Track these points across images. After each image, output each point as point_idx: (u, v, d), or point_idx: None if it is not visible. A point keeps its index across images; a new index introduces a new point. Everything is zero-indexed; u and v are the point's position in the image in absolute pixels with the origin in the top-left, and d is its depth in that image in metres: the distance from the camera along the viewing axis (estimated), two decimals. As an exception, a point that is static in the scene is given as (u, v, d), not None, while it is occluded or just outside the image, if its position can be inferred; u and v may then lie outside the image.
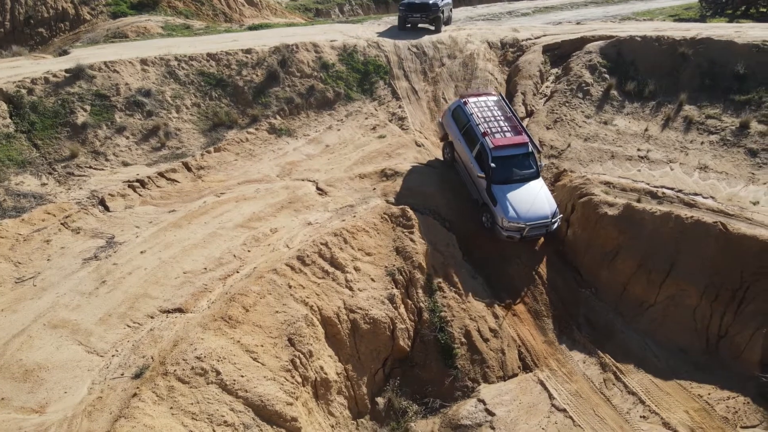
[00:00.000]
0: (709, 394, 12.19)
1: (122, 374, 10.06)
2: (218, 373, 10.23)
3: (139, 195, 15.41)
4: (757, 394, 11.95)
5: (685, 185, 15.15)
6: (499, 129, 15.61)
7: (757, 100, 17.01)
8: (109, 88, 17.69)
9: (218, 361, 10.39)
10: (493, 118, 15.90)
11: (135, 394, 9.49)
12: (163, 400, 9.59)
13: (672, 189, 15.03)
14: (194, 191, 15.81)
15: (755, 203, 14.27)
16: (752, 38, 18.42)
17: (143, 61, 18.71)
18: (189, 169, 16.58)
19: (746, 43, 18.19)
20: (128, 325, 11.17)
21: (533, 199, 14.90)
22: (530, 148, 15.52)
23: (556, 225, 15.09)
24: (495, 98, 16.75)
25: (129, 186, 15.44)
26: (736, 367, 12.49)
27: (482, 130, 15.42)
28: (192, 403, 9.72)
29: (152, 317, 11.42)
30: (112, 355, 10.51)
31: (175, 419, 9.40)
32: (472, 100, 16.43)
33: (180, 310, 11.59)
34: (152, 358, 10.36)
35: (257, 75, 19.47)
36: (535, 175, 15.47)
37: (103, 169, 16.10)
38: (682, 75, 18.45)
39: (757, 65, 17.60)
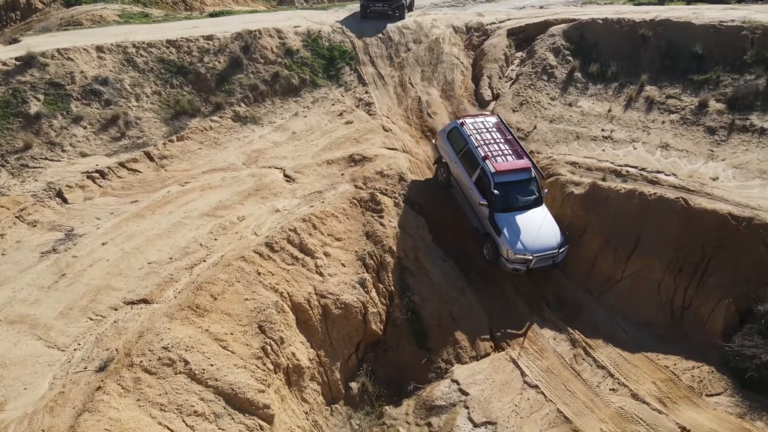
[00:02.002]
0: (674, 364, 12.49)
1: (85, 368, 9.74)
2: (186, 362, 10.01)
3: (99, 186, 14.92)
4: (720, 363, 12.28)
5: (648, 163, 15.44)
6: (500, 152, 14.59)
7: (715, 80, 17.42)
8: (63, 77, 17.02)
9: (186, 350, 10.17)
10: (492, 141, 14.88)
11: (99, 388, 9.22)
12: (130, 392, 9.34)
13: (635, 167, 15.29)
14: (157, 181, 15.38)
15: (715, 179, 14.64)
16: (709, 19, 18.84)
17: (99, 49, 18.06)
18: (151, 159, 16.12)
19: (703, 24, 18.59)
20: (90, 318, 10.82)
21: (539, 228, 14.01)
22: (533, 173, 14.59)
23: (561, 257, 14.14)
24: (493, 119, 15.81)
25: (88, 177, 14.93)
26: (699, 338, 12.80)
27: (482, 154, 14.43)
28: (160, 394, 9.49)
29: (116, 309, 11.10)
30: (74, 349, 10.17)
31: (142, 411, 9.17)
32: (469, 121, 15.44)
33: (145, 301, 11.30)
34: (117, 350, 10.07)
35: (220, 62, 19.02)
36: (539, 202, 14.53)
37: (59, 161, 15.52)
38: (642, 56, 18.76)
39: (714, 46, 18.01)
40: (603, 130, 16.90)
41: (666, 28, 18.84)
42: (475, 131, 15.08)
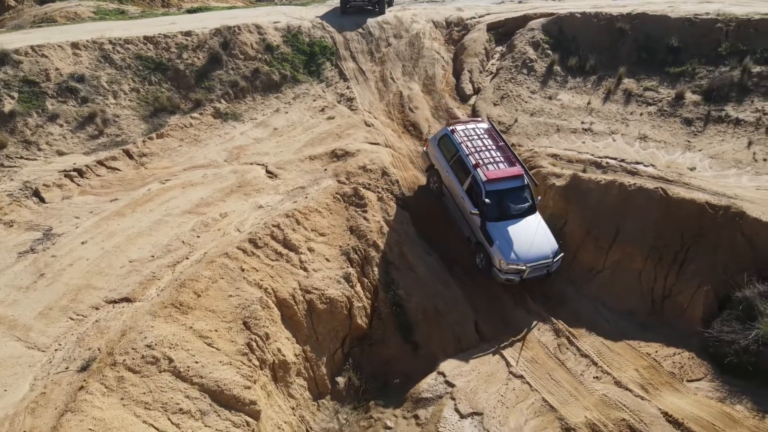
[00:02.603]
0: (656, 351, 12.70)
1: (67, 368, 9.58)
2: (171, 360, 9.91)
3: (78, 185, 14.65)
4: (701, 349, 12.52)
5: (627, 155, 15.66)
6: (492, 160, 14.25)
7: (691, 72, 17.73)
8: (37, 74, 16.66)
9: (170, 348, 10.06)
10: (484, 148, 14.54)
11: (82, 387, 9.08)
12: (113, 391, 9.21)
13: (615, 159, 15.51)
14: (137, 179, 15.17)
15: (692, 169, 14.91)
16: (685, 12, 19.15)
17: (74, 45, 17.71)
18: (131, 157, 15.87)
19: (679, 17, 18.89)
20: (71, 318, 10.64)
21: (532, 237, 13.71)
22: (526, 180, 14.29)
23: (557, 265, 13.90)
24: (485, 125, 15.48)
25: (66, 176, 14.65)
26: (680, 325, 13.05)
27: (473, 162, 14.09)
28: (144, 393, 9.38)
29: (97, 308, 10.92)
30: (55, 350, 10.00)
31: (126, 410, 9.05)
32: (459, 127, 15.08)
33: (127, 300, 11.14)
34: (99, 349, 9.92)
35: (199, 58, 18.80)
36: (532, 210, 14.22)
37: (35, 159, 15.20)
38: (620, 49, 19.01)
39: (689, 38, 18.32)
40: (583, 122, 17.09)
41: (643, 22, 19.11)
42: (466, 138, 14.72)
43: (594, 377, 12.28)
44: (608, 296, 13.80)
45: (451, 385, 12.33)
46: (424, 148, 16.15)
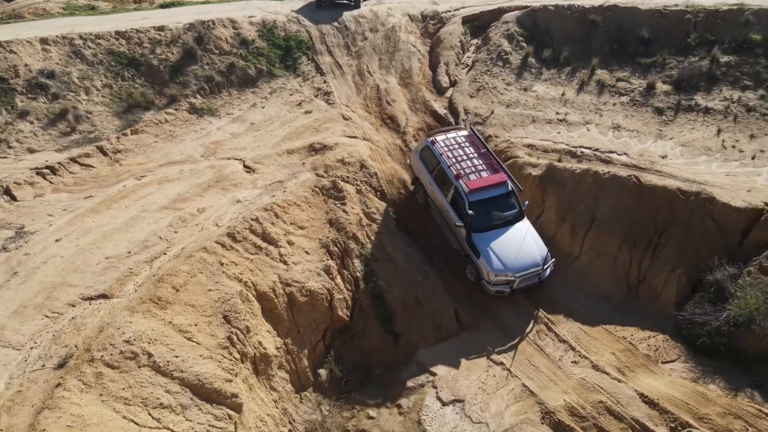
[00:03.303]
0: (632, 335, 12.97)
1: (43, 366, 9.44)
2: (150, 355, 9.83)
3: (50, 182, 14.40)
4: (674, 332, 12.82)
5: (601, 144, 15.92)
6: (473, 169, 13.97)
7: (661, 63, 18.07)
8: (6, 70, 16.30)
9: (149, 343, 9.97)
10: (465, 157, 14.25)
11: (59, 384, 8.97)
12: (91, 387, 9.11)
13: (589, 148, 15.74)
14: (112, 176, 14.96)
15: (664, 157, 15.22)
16: (654, 4, 19.48)
17: (44, 41, 17.36)
18: (105, 154, 15.65)
19: (649, 9, 19.22)
20: (47, 316, 10.48)
21: (520, 244, 13.42)
22: (510, 186, 13.97)
23: (549, 271, 13.67)
24: (465, 133, 15.14)
25: (38, 173, 14.40)
26: (654, 309, 13.34)
27: (454, 173, 13.80)
28: (123, 388, 9.29)
29: (73, 306, 10.78)
30: (31, 348, 9.85)
31: (105, 406, 8.96)
32: (440, 138, 14.79)
33: (104, 296, 11.01)
34: (76, 346, 9.80)
35: (173, 53, 18.57)
36: (519, 216, 13.97)
37: (5, 157, 14.89)
38: (593, 41, 19.28)
39: (659, 29, 18.66)
40: (557, 113, 17.31)
41: (614, 14, 19.40)
42: (446, 148, 14.43)
43: (572, 362, 12.50)
44: (585, 282, 14.04)
45: (433, 374, 12.46)
46: (408, 161, 15.93)
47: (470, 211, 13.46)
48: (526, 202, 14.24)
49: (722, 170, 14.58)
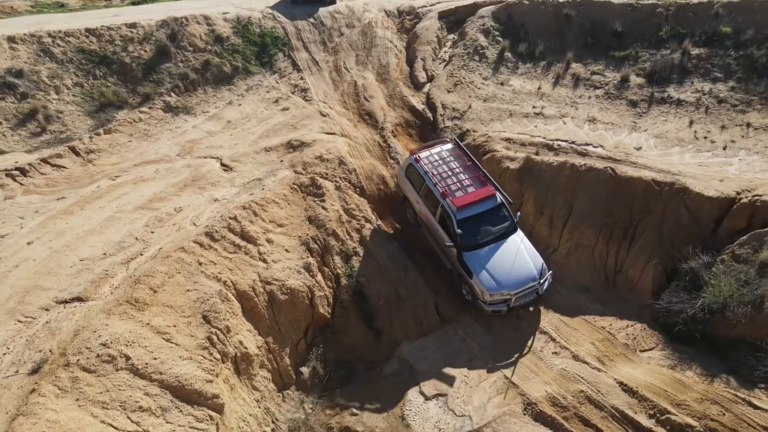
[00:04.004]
0: (610, 325, 13.15)
1: (17, 371, 9.23)
2: (128, 358, 9.66)
3: (21, 184, 14.05)
4: (652, 320, 13.05)
5: (577, 137, 16.08)
6: (460, 185, 13.47)
7: (634, 56, 18.31)
8: (-28, 70, 15.86)
9: (127, 345, 9.80)
10: (450, 173, 13.75)
11: (34, 390, 8.77)
12: (68, 392, 8.92)
13: (566, 141, 15.89)
14: (85, 176, 14.65)
15: (638, 148, 15.44)
16: (627, -2, 19.73)
17: (11, 39, 16.89)
18: (77, 154, 15.31)
19: (622, 2, 19.43)
20: (19, 321, 10.23)
21: (513, 259, 12.88)
22: (500, 198, 13.49)
23: (547, 284, 13.16)
24: (449, 146, 14.62)
25: (7, 175, 14.03)
26: (631, 298, 13.55)
27: (440, 191, 13.31)
28: (101, 392, 9.12)
29: (47, 310, 10.54)
30: (3, 354, 9.61)
31: (82, 411, 8.79)
32: (423, 155, 14.27)
33: (79, 299, 10.79)
34: (51, 351, 9.58)
35: (145, 51, 18.23)
36: (512, 229, 13.46)
37: (-27, 159, 14.48)
38: (567, 35, 19.46)
39: (632, 23, 18.90)
40: (534, 107, 17.44)
41: (588, 8, 19.59)
42: (431, 165, 13.96)
43: (553, 353, 12.63)
44: (564, 274, 14.18)
45: (415, 369, 12.48)
46: (395, 180, 15.49)
47: (459, 230, 12.93)
48: (518, 213, 13.83)
49: (695, 161, 14.84)
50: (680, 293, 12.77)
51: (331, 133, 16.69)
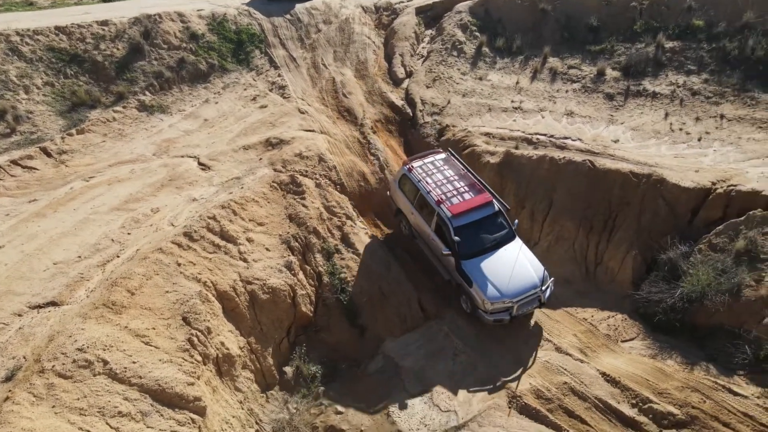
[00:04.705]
0: (592, 316, 13.27)
1: (-11, 380, 8.92)
2: (106, 362, 9.43)
3: (-10, 187, 13.63)
4: (632, 311, 13.19)
5: (556, 130, 16.17)
6: (455, 192, 13.19)
7: (610, 49, 18.49)
8: (-64, 70, 15.34)
9: (104, 350, 9.57)
10: (445, 180, 13.50)
11: (7, 398, 8.51)
12: (43, 399, 8.67)
13: (545, 134, 15.97)
14: (58, 178, 14.29)
15: (616, 141, 15.59)
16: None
17: (-23, 38, 16.42)
18: (49, 155, 14.93)
19: (597, -3, 19.64)
20: (-9, 327, 9.89)
21: (513, 266, 12.54)
22: (497, 206, 13.20)
23: (549, 292, 12.77)
24: (443, 155, 14.37)
25: (-25, 178, 13.61)
26: (612, 289, 13.68)
27: (435, 198, 13.05)
28: (78, 399, 8.89)
29: (20, 315, 10.24)
30: (-25, 362, 9.27)
31: (59, 418, 8.55)
32: (416, 164, 14.02)
33: (53, 304, 10.51)
34: (25, 357, 9.31)
35: (118, 49, 17.85)
36: (510, 236, 13.14)
37: (-60, 162, 14.02)
38: (544, 30, 19.56)
39: (607, 17, 19.08)
40: (513, 101, 17.50)
41: (563, 2, 19.71)
42: (424, 174, 13.70)
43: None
44: (545, 266, 14.14)
45: (399, 366, 12.43)
46: (388, 192, 15.14)
47: (456, 237, 12.62)
48: (516, 221, 13.59)
49: (671, 152, 15.03)
50: (659, 283, 12.91)
51: (310, 131, 16.54)
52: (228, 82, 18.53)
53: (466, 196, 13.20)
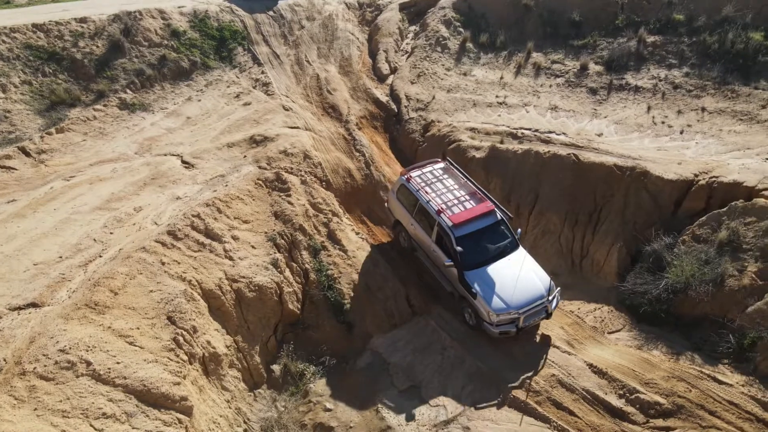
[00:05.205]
0: (578, 308, 13.35)
1: (-32, 383, 8.70)
2: (89, 363, 9.26)
3: (-33, 188, 13.33)
4: (618, 302, 13.30)
5: (540, 125, 16.25)
6: (456, 201, 12.76)
7: (592, 44, 18.63)
8: None
9: (87, 351, 9.40)
10: (445, 189, 13.08)
11: (-12, 402, 8.27)
12: (25, 402, 8.49)
13: (530, 129, 16.05)
14: (37, 177, 14.01)
15: (600, 135, 15.71)
16: (584, -12, 20.04)
17: (-49, 36, 16.05)
18: (27, 154, 14.63)
19: (579, -8, 19.77)
20: (-30, 330, 9.66)
21: (518, 276, 12.13)
22: (499, 215, 12.78)
23: (555, 302, 12.35)
24: (441, 165, 13.91)
25: (-48, 179, 13.30)
26: (598, 281, 13.80)
27: (435, 208, 12.60)
28: (61, 401, 8.71)
29: (0, 317, 9.97)
30: (-47, 366, 9.05)
31: (41, 421, 8.37)
32: (415, 174, 13.57)
33: (34, 305, 10.28)
34: (5, 360, 9.11)
35: (98, 46, 17.56)
36: (514, 246, 12.75)
37: None
38: (527, 25, 19.65)
39: (589, 12, 19.22)
40: (497, 96, 17.55)
41: (546, -3, 19.84)
42: (423, 184, 13.25)
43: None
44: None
45: (388, 362, 12.38)
46: (386, 204, 14.70)
47: (458, 247, 12.17)
48: (519, 230, 13.19)
49: (654, 145, 15.18)
50: (644, 275, 13.04)
51: (294, 127, 16.42)
52: (211, 80, 18.33)
53: (468, 204, 12.74)
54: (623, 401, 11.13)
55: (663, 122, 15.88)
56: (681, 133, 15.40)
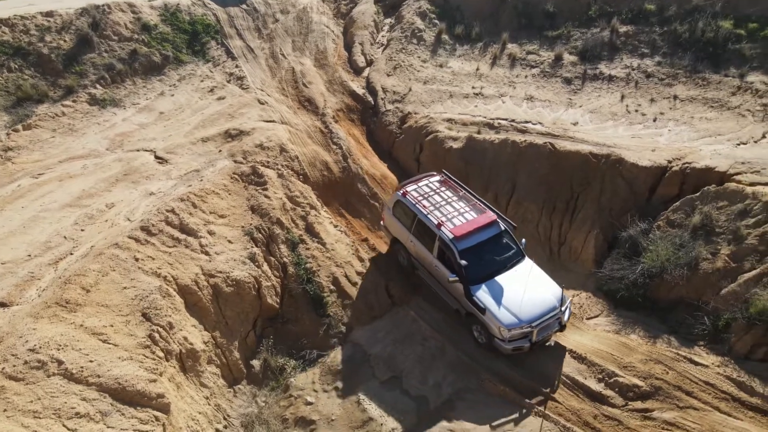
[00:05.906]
0: (557, 296, 13.39)
1: (-67, 386, 8.41)
2: (60, 362, 9.03)
3: (-70, 187, 12.89)
4: (596, 288, 13.42)
5: (517, 115, 16.29)
6: (456, 212, 12.27)
7: (566, 35, 18.72)
8: None
9: (59, 349, 9.16)
10: (443, 202, 12.60)
11: (-46, 404, 8.00)
12: (-7, 403, 8.20)
13: (506, 119, 16.07)
14: (4, 175, 13.65)
15: (575, 124, 15.80)
16: (556, -20, 20.12)
17: None
18: (-7, 152, 14.21)
19: (552, -17, 19.85)
20: (-66, 332, 9.34)
21: (527, 288, 11.59)
22: (502, 225, 12.34)
23: (568, 313, 11.91)
24: (438, 178, 13.47)
25: None
26: (576, 268, 13.90)
27: (435, 221, 12.11)
28: (31, 401, 8.47)
29: (-34, 318, 9.67)
30: None
31: (11, 422, 8.13)
32: (410, 188, 13.07)
33: (2, 305, 10.03)
34: (-28, 361, 8.79)
35: (65, 41, 17.11)
36: (520, 256, 12.25)
37: None
38: (502, 16, 19.68)
39: (563, 3, 19.30)
40: (473, 87, 17.55)
41: (519, -11, 19.89)
42: (420, 197, 12.75)
43: (504, 327, 12.72)
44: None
45: (367, 353, 12.32)
46: (382, 222, 14.18)
47: (463, 261, 11.61)
48: (524, 240, 12.67)
49: (628, 133, 15.32)
50: (621, 260, 13.16)
51: (270, 121, 16.22)
52: (184, 74, 18.01)
53: (468, 216, 12.24)
54: (602, 385, 11.23)
55: (636, 110, 16.03)
56: (654, 120, 15.58)
